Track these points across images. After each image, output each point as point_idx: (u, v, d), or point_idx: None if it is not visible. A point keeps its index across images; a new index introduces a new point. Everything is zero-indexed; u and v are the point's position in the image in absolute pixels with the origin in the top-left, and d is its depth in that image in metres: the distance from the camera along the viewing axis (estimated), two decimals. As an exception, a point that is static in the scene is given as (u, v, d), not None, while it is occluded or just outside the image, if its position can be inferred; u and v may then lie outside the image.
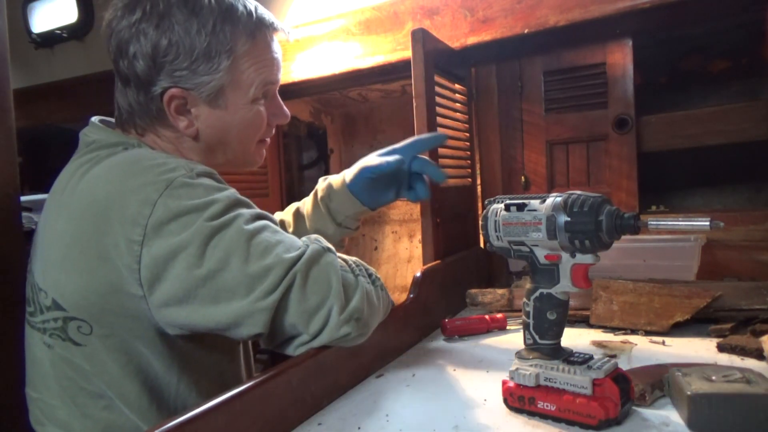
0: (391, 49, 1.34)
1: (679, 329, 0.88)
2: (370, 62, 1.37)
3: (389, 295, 0.79)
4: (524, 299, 0.65)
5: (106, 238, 0.63)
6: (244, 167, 0.85)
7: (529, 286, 0.64)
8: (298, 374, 0.64)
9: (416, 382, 0.76)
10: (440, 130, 1.15)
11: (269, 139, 0.85)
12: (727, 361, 0.75)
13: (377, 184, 0.89)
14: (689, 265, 1.06)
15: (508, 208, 0.63)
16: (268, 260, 0.63)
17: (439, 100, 1.15)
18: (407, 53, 1.10)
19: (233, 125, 0.77)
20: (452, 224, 1.19)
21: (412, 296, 0.94)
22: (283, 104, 0.84)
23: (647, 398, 0.63)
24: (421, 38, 1.08)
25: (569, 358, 0.62)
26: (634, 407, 0.62)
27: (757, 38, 1.17)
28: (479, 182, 1.43)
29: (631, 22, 1.19)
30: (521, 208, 0.62)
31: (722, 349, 0.79)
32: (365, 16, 1.38)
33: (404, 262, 1.88)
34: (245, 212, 0.66)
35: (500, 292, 1.08)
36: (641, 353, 0.81)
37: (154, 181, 0.63)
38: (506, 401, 0.65)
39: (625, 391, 0.59)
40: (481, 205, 1.38)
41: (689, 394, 0.56)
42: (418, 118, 1.08)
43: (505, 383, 0.65)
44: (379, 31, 1.36)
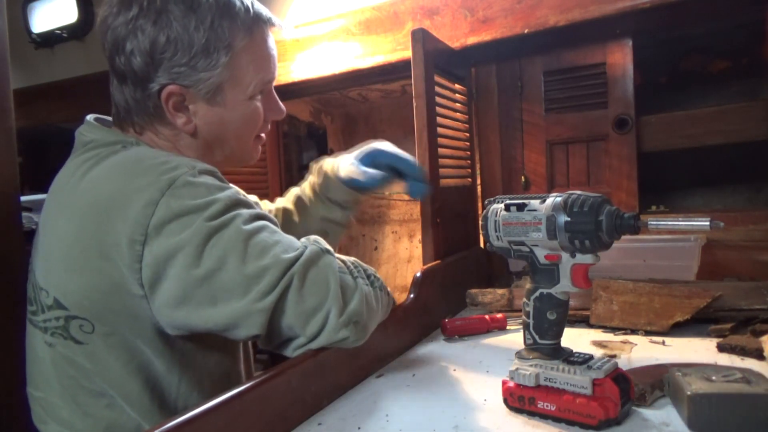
0: (391, 49, 1.34)
1: (679, 329, 0.88)
2: (370, 62, 1.37)
3: (390, 294, 0.78)
4: (524, 299, 0.65)
5: (108, 237, 0.62)
6: (241, 163, 0.85)
7: (529, 286, 0.64)
8: (298, 374, 0.64)
9: (416, 382, 0.77)
10: (440, 130, 1.15)
11: (265, 135, 0.85)
12: (727, 361, 0.75)
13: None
14: (689, 265, 1.06)
15: (508, 208, 0.63)
16: (265, 261, 0.63)
17: (439, 100, 1.15)
18: (407, 53, 1.10)
19: (231, 122, 0.77)
20: (452, 224, 1.19)
21: (412, 296, 0.94)
22: (278, 99, 0.84)
23: (647, 398, 0.63)
24: (421, 38, 1.08)
25: (569, 358, 0.62)
26: (634, 407, 0.62)
27: (757, 38, 1.17)
28: (479, 182, 1.43)
29: (631, 22, 1.19)
30: (521, 208, 0.62)
31: (722, 349, 0.79)
32: (365, 16, 1.38)
33: (404, 262, 1.88)
34: (244, 212, 0.66)
35: (500, 292, 1.08)
36: (641, 353, 0.81)
37: (156, 180, 0.63)
38: (506, 401, 0.65)
39: (625, 391, 0.59)
40: (481, 205, 1.38)
41: (689, 394, 0.56)
42: (418, 118, 1.08)
43: (505, 383, 0.65)
44: (379, 31, 1.36)
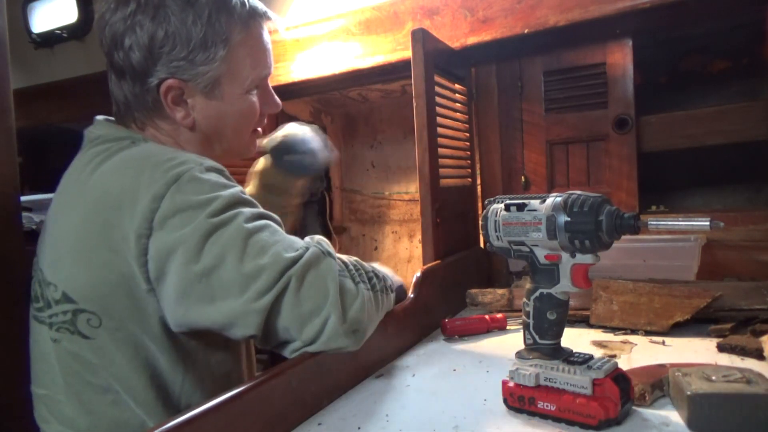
0: (391, 49, 1.34)
1: (679, 329, 0.88)
2: (370, 62, 1.37)
3: (391, 290, 0.78)
4: (524, 299, 0.65)
5: (116, 231, 0.63)
6: (239, 156, 0.87)
7: (529, 286, 0.64)
8: (298, 374, 0.64)
9: (416, 382, 0.77)
10: (440, 130, 1.15)
11: (262, 129, 0.87)
12: (727, 361, 0.75)
13: None
14: (689, 265, 1.06)
15: (508, 208, 0.63)
16: (263, 260, 0.63)
17: (439, 100, 1.15)
18: (407, 53, 1.10)
19: (229, 115, 0.78)
20: (452, 224, 1.19)
21: (412, 296, 0.94)
22: (274, 93, 0.85)
23: (647, 398, 0.63)
24: (421, 38, 1.08)
25: (569, 358, 0.62)
26: (634, 407, 0.62)
27: (757, 38, 1.17)
28: (479, 182, 1.43)
29: (631, 22, 1.19)
30: (521, 208, 0.62)
31: (722, 349, 0.79)
32: (365, 16, 1.38)
33: (404, 262, 1.88)
34: (246, 211, 0.66)
35: (500, 292, 1.08)
36: (641, 353, 0.81)
37: (163, 175, 0.64)
38: (506, 401, 0.65)
39: (625, 391, 0.59)
40: (481, 205, 1.38)
41: (689, 394, 0.56)
42: (418, 118, 1.08)
43: (505, 383, 0.65)
44: (379, 31, 1.36)
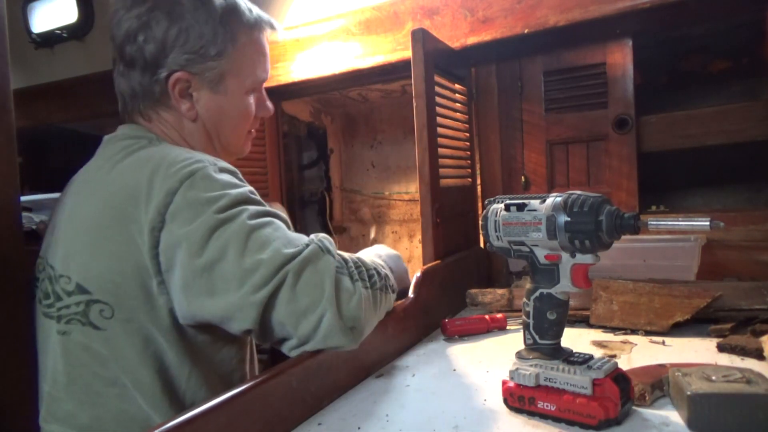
0: (391, 49, 1.34)
1: (679, 329, 0.88)
2: (370, 62, 1.37)
3: (391, 289, 0.78)
4: (524, 299, 0.65)
5: (133, 223, 0.66)
6: (234, 156, 0.91)
7: (529, 286, 0.64)
8: (298, 374, 0.64)
9: (416, 382, 0.77)
10: (440, 130, 1.15)
11: (255, 130, 0.93)
12: (727, 361, 0.75)
13: None
14: (689, 265, 1.06)
15: (508, 208, 0.63)
16: (262, 255, 0.64)
17: (439, 100, 1.15)
18: (407, 53, 1.10)
19: (229, 111, 0.84)
20: (452, 224, 1.19)
21: (412, 296, 0.94)
22: (267, 98, 0.91)
23: (647, 398, 0.63)
24: (421, 38, 1.08)
25: (569, 358, 0.62)
26: (634, 407, 0.62)
27: (757, 38, 1.17)
28: (479, 182, 1.42)
29: (631, 22, 1.19)
30: (521, 208, 0.62)
31: (722, 349, 0.79)
32: (365, 16, 1.38)
33: (404, 262, 1.88)
34: (252, 208, 0.68)
35: (500, 292, 1.08)
36: (641, 353, 0.81)
37: (178, 172, 0.67)
38: (506, 401, 0.65)
39: (625, 391, 0.59)
40: (481, 205, 1.38)
41: (689, 394, 0.56)
42: (418, 118, 1.08)
43: (505, 383, 0.65)
44: (379, 31, 1.36)
